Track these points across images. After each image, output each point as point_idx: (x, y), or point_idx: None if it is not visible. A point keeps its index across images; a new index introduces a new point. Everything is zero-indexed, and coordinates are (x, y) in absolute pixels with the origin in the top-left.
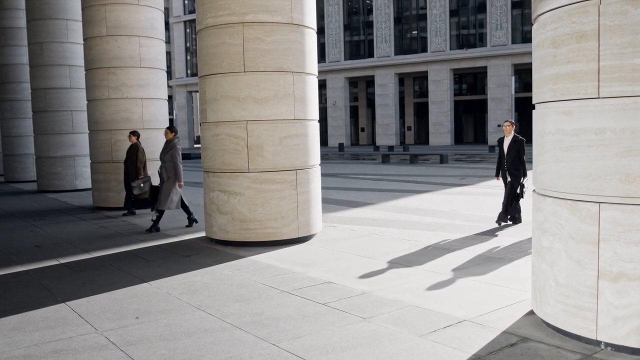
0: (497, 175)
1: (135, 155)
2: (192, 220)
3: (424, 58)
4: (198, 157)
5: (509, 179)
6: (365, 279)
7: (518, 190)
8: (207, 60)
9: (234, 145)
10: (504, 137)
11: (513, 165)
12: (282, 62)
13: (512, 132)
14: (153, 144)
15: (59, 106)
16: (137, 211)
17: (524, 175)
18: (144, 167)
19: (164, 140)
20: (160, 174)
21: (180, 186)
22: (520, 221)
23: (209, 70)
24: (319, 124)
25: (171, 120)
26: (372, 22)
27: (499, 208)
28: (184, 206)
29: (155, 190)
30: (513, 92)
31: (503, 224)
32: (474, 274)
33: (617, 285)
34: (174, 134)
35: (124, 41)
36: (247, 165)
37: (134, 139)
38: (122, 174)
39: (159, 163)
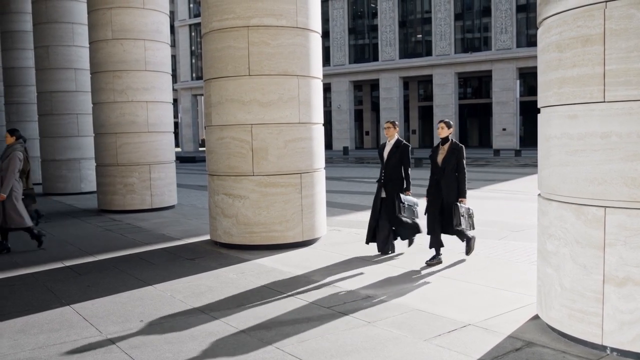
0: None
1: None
2: (3, 246)
3: (429, 62)
4: (203, 160)
5: (383, 194)
6: (370, 282)
7: (398, 211)
8: (212, 64)
9: (239, 149)
10: (385, 143)
11: (393, 177)
12: (287, 65)
13: (396, 135)
14: (157, 147)
15: (64, 109)
16: (141, 214)
17: (407, 189)
18: (27, 176)
19: (169, 143)
20: None
21: (0, 198)
22: (412, 241)
23: (214, 73)
24: (323, 127)
25: (176, 124)
26: (376, 25)
27: (502, 211)
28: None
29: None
30: (518, 95)
31: (393, 252)
32: (479, 278)
33: (623, 290)
34: (14, 138)
35: (129, 45)
36: (251, 169)
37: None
38: (127, 177)
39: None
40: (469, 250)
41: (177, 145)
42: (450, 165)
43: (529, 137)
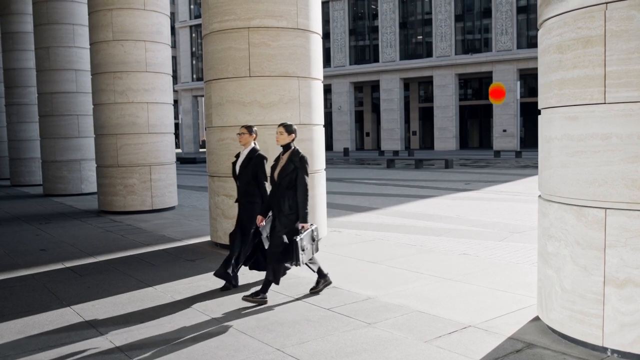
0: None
1: None
2: None
3: (429, 63)
4: (203, 161)
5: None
6: (370, 284)
7: (263, 234)
8: (212, 65)
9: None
10: (239, 153)
11: (247, 194)
12: (287, 67)
13: (252, 144)
14: (157, 149)
15: (65, 110)
16: (141, 215)
17: (261, 212)
18: None
19: (169, 144)
20: None
21: None
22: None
23: (214, 75)
24: (324, 128)
25: (176, 125)
26: (377, 27)
27: (503, 213)
28: None
29: None
30: (518, 97)
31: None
32: (479, 279)
33: (623, 291)
34: None
35: (130, 46)
36: None
37: None
38: (128, 178)
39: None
40: (315, 288)
41: (177, 146)
42: (286, 180)
43: (529, 138)
